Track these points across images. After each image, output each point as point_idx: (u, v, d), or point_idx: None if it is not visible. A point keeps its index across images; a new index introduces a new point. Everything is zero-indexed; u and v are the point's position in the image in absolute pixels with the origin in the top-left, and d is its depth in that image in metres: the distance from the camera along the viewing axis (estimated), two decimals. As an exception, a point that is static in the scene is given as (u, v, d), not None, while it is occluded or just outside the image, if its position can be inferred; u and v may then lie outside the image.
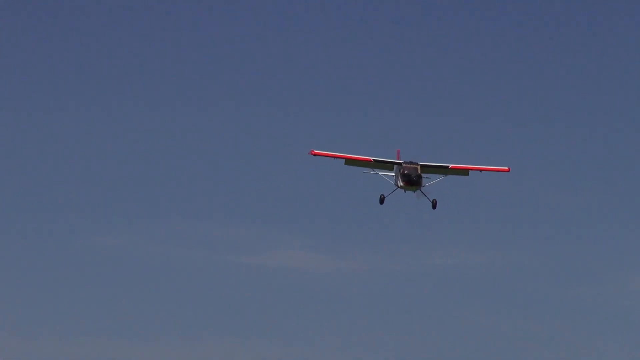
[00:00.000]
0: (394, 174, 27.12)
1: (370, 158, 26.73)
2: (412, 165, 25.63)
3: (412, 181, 25.68)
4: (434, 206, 28.10)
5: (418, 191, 26.90)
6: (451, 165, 26.54)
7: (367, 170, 28.50)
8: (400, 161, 26.49)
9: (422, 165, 25.53)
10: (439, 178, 27.40)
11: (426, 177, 26.67)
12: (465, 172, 27.27)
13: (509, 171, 28.82)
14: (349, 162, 27.39)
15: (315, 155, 27.40)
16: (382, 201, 28.67)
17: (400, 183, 26.45)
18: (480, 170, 27.39)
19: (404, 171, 25.83)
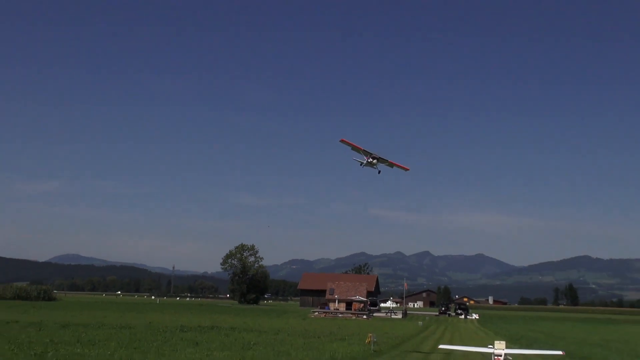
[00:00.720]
0: (366, 157, 41.46)
1: (362, 147, 40.75)
2: (375, 154, 40.92)
3: (376, 159, 40.84)
4: (379, 172, 42.51)
5: (375, 167, 41.62)
6: (389, 160, 41.61)
7: (355, 157, 42.29)
8: (371, 152, 41.31)
9: (379, 157, 41.07)
10: (383, 164, 42.14)
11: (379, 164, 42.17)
12: (391, 165, 42.16)
13: (408, 170, 44.08)
14: (354, 148, 41.02)
15: (342, 141, 40.74)
16: (361, 165, 42.02)
17: (369, 159, 40.96)
18: (399, 166, 42.41)
19: (372, 156, 40.97)
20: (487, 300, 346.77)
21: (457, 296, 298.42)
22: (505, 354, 29.27)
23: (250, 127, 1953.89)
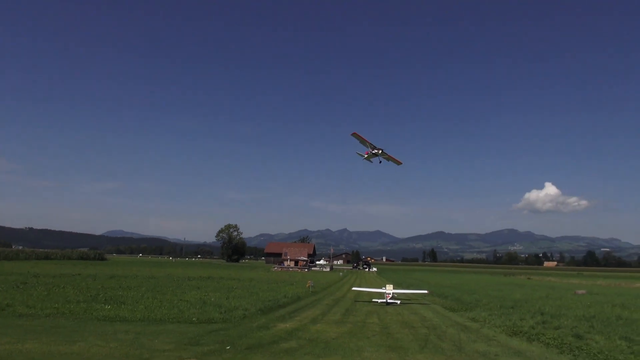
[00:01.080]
0: (370, 149, 33.36)
1: (368, 140, 32.50)
2: (379, 148, 33.11)
3: (379, 151, 33.18)
4: (380, 162, 34.30)
5: (378, 157, 33.86)
6: (388, 154, 33.52)
7: (358, 152, 33.52)
8: (376, 145, 33.23)
9: (382, 150, 33.34)
10: (383, 157, 34.03)
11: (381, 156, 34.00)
12: (388, 158, 34.04)
13: (401, 164, 34.85)
14: (362, 141, 32.57)
15: (354, 135, 32.41)
16: (363, 156, 33.72)
17: (374, 151, 33.14)
18: (394, 160, 34.21)
19: (375, 148, 33.08)
20: (382, 259, 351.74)
21: (363, 257, 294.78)
22: (393, 293, 30.09)
23: (237, 149, 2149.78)
